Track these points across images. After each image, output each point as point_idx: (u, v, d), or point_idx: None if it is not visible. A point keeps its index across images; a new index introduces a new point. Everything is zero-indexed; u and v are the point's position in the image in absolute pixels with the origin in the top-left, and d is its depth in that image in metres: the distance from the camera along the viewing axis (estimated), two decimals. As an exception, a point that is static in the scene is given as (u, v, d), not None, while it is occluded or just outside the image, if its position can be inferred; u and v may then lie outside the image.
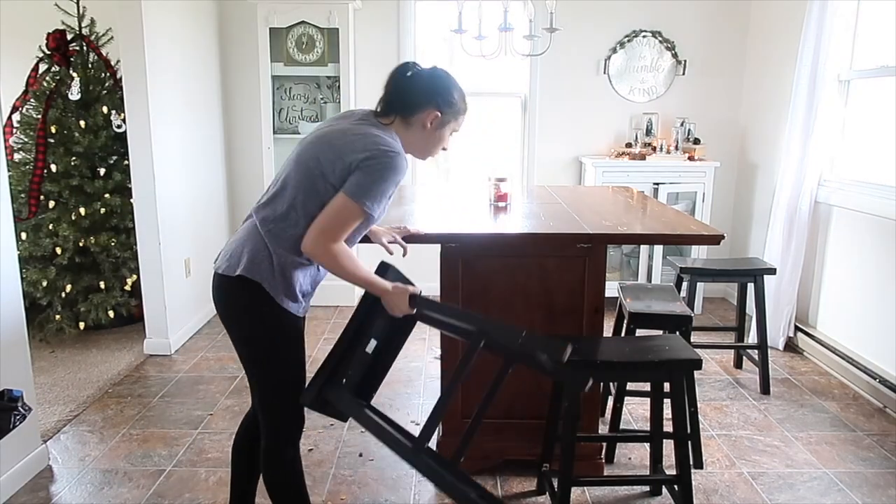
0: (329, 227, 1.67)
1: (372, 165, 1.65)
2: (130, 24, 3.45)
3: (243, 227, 1.85)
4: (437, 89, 1.78)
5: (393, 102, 1.79)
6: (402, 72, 1.79)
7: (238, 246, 1.78)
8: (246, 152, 4.78)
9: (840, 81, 3.61)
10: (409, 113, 1.77)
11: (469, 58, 3.90)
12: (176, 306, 3.85)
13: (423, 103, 1.76)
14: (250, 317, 1.78)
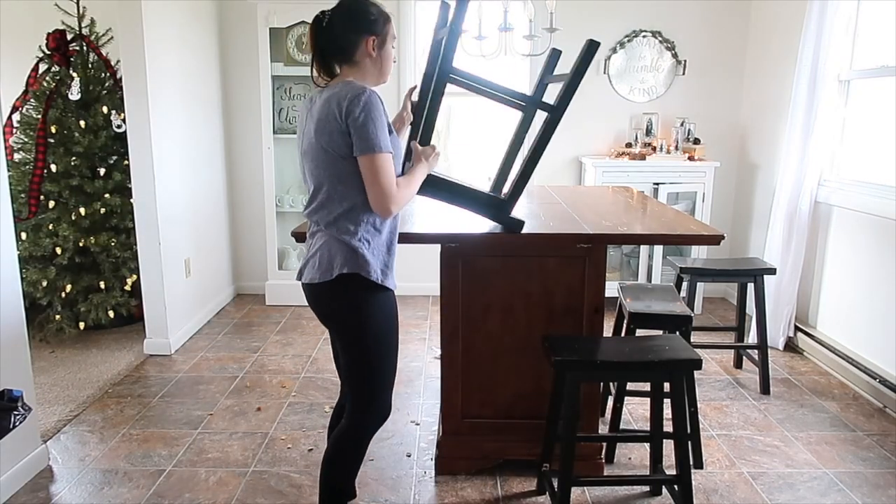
0: (382, 189, 1.75)
1: (354, 116, 1.70)
2: (130, 24, 3.45)
3: (316, 237, 1.89)
4: (356, 18, 1.81)
5: (329, 55, 1.83)
6: (319, 25, 1.81)
7: (323, 252, 1.83)
8: (246, 152, 4.78)
9: (840, 81, 3.61)
10: (350, 54, 1.82)
11: (469, 58, 3.90)
12: (176, 306, 3.85)
13: (354, 39, 1.81)
14: (360, 309, 1.84)
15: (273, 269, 4.69)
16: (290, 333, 4.13)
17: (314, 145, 1.79)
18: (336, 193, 1.80)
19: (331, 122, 1.73)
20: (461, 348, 2.46)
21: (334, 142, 1.74)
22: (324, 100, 1.77)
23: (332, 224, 1.82)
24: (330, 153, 1.76)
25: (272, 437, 2.83)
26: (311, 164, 1.83)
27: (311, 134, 1.80)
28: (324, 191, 1.82)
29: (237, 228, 4.90)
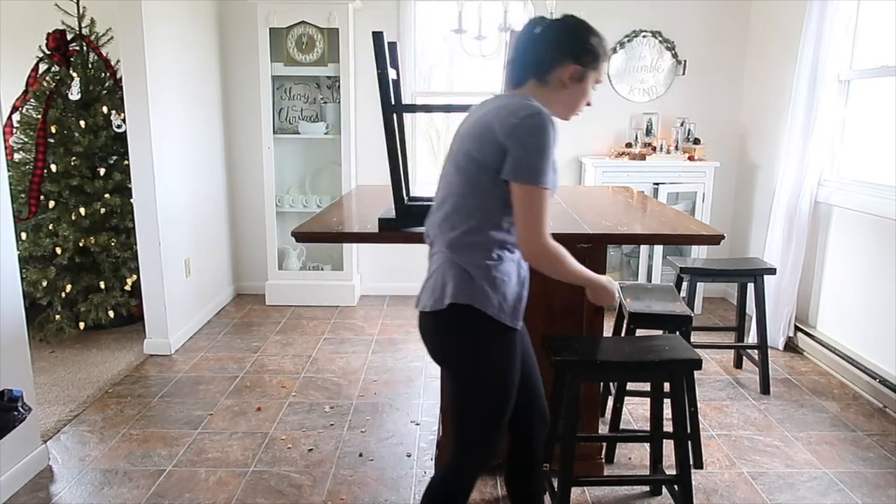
0: (529, 225, 1.53)
1: (520, 137, 1.49)
2: (130, 24, 3.45)
3: (434, 260, 1.68)
4: (570, 39, 1.61)
5: (523, 65, 1.63)
6: (531, 29, 1.63)
7: (437, 278, 1.62)
8: (246, 152, 4.78)
9: (840, 81, 3.61)
10: (544, 72, 1.61)
11: (469, 58, 3.90)
12: (176, 306, 3.85)
13: (558, 58, 1.60)
14: (470, 344, 1.63)
15: (273, 269, 4.69)
16: (290, 333, 4.13)
17: (461, 148, 1.61)
18: (465, 207, 1.59)
19: (489, 132, 1.53)
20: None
21: (484, 152, 1.54)
22: (494, 107, 1.58)
23: (453, 244, 1.61)
24: (475, 162, 1.56)
25: (272, 437, 2.83)
26: (451, 167, 1.64)
27: (464, 135, 1.63)
28: (451, 202, 1.61)
29: (237, 228, 4.90)
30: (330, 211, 2.83)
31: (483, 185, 1.57)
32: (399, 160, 2.25)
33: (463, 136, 1.64)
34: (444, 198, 1.66)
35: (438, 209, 1.67)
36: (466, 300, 1.57)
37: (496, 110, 1.56)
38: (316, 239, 2.38)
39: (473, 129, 1.60)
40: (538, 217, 1.52)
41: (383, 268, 4.94)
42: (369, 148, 4.68)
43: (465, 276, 1.58)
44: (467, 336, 1.62)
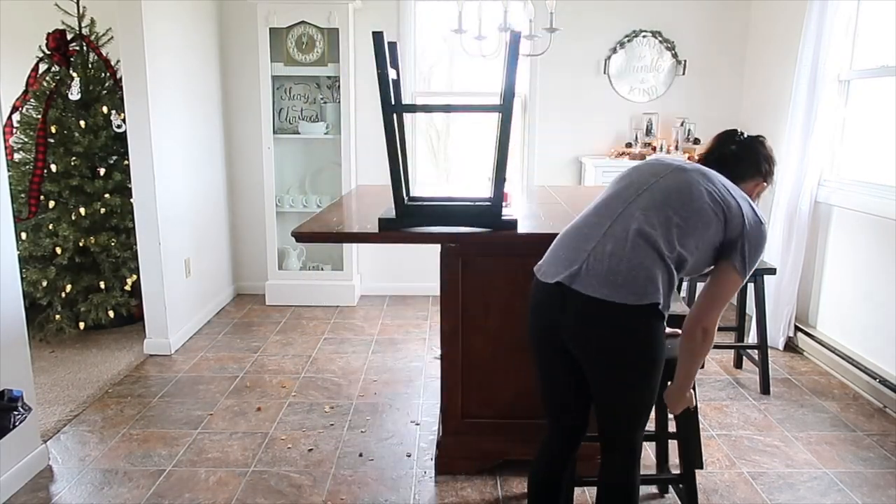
0: (718, 304, 1.73)
1: (756, 237, 1.68)
2: (130, 24, 3.45)
3: (629, 243, 1.64)
4: (767, 160, 1.85)
5: (724, 164, 1.82)
6: (732, 138, 1.86)
7: (638, 270, 1.61)
8: (246, 152, 4.78)
9: (840, 81, 3.61)
10: (739, 177, 1.81)
11: (469, 58, 3.90)
12: (176, 306, 3.85)
13: (755, 174, 1.84)
14: (650, 341, 1.65)
15: (273, 269, 4.69)
16: (290, 333, 4.13)
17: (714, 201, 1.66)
18: (693, 242, 1.67)
19: (720, 215, 1.66)
20: (461, 348, 2.46)
21: (731, 226, 1.67)
22: (727, 191, 1.69)
23: (658, 243, 1.63)
24: (718, 223, 1.66)
25: (272, 437, 2.83)
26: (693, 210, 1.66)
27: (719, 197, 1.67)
28: (676, 223, 1.65)
29: (237, 228, 4.90)
30: (330, 211, 2.84)
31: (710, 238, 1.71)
32: (399, 160, 2.25)
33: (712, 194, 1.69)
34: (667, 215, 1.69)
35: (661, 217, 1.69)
36: (656, 299, 1.64)
37: (731, 198, 1.69)
38: (316, 239, 2.39)
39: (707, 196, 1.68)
40: (725, 301, 1.78)
41: (383, 268, 4.94)
42: (369, 148, 4.68)
43: (665, 276, 1.67)
44: (651, 333, 1.67)
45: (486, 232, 2.29)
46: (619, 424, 1.73)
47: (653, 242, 1.63)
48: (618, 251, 1.63)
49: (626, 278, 1.60)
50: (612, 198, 1.76)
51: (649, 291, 1.60)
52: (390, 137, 2.18)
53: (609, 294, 1.59)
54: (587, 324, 1.65)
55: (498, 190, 2.25)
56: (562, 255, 1.72)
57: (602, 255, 1.63)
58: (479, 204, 2.34)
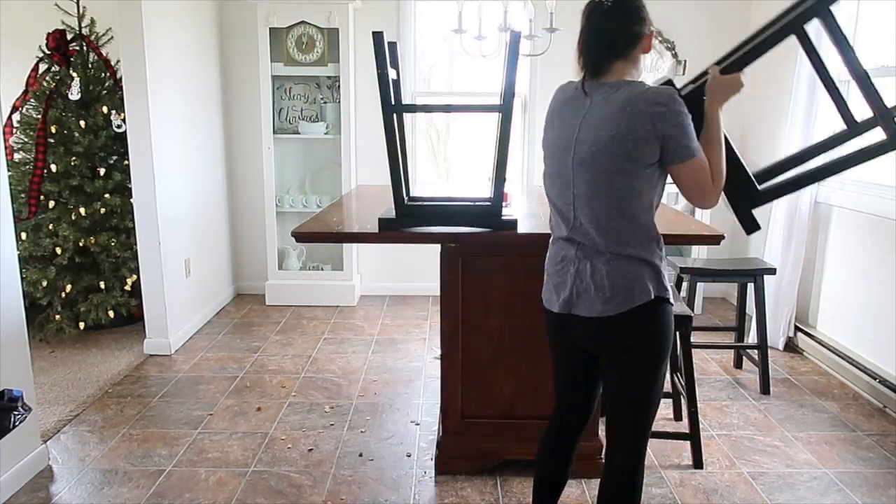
0: (706, 189, 1.59)
1: (676, 122, 1.52)
2: (130, 24, 3.45)
3: (584, 260, 1.65)
4: (638, 9, 1.63)
5: (604, 46, 1.62)
6: (599, 9, 1.63)
7: (611, 280, 1.61)
8: (246, 152, 4.78)
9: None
10: (630, 48, 1.62)
11: (469, 58, 3.90)
12: (176, 306, 3.85)
13: (638, 31, 1.62)
14: (658, 336, 1.65)
15: (273, 269, 4.69)
16: (290, 333, 4.13)
17: (607, 153, 1.55)
18: (623, 207, 1.58)
19: (640, 129, 1.51)
20: (461, 348, 2.46)
21: (639, 150, 1.53)
22: (620, 102, 1.55)
23: (614, 241, 1.60)
24: (632, 163, 1.54)
25: (272, 437, 2.83)
26: (597, 174, 1.58)
27: (604, 140, 1.55)
28: (608, 205, 1.59)
29: (237, 228, 4.90)
30: (330, 211, 2.84)
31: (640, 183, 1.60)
32: (399, 160, 2.25)
33: (594, 141, 1.59)
34: (594, 203, 1.63)
35: (590, 214, 1.65)
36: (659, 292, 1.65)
37: (628, 105, 1.54)
38: (316, 239, 2.39)
39: (615, 130, 1.55)
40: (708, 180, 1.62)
41: (383, 268, 4.94)
42: (369, 148, 4.67)
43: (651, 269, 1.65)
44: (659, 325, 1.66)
45: (486, 232, 2.29)
46: (628, 419, 1.73)
47: (618, 248, 1.61)
48: (595, 269, 1.64)
49: (613, 291, 1.61)
50: (560, 202, 1.70)
51: (636, 293, 1.61)
52: (390, 137, 2.19)
53: (604, 310, 1.62)
54: (596, 337, 1.69)
55: (498, 190, 2.25)
56: (552, 282, 1.75)
57: (584, 274, 1.65)
58: (479, 204, 2.34)
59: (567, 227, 1.68)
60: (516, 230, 2.29)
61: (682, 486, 2.48)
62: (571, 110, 1.65)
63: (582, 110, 1.63)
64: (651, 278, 1.62)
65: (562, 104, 1.69)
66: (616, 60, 1.62)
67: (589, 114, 1.61)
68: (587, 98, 1.63)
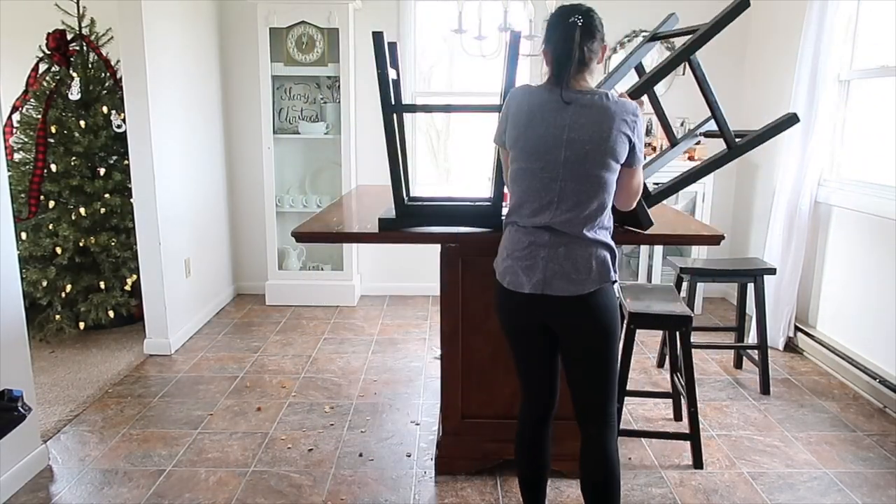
0: (636, 194, 1.91)
1: (639, 131, 1.79)
2: (130, 24, 3.45)
3: (557, 245, 1.80)
4: (600, 26, 1.82)
5: (579, 60, 1.79)
6: (577, 28, 1.76)
7: (581, 262, 1.80)
8: (246, 152, 4.78)
9: (840, 81, 3.61)
10: (591, 61, 1.83)
11: (469, 58, 3.90)
12: (176, 306, 3.85)
13: (597, 47, 1.83)
14: (616, 312, 1.87)
15: (273, 269, 4.69)
16: (290, 333, 4.13)
17: (598, 151, 1.74)
18: (589, 198, 1.77)
19: (622, 134, 1.75)
20: (461, 348, 2.46)
21: (619, 151, 1.76)
22: (603, 108, 1.75)
23: (589, 228, 1.79)
24: (612, 162, 1.76)
25: (272, 437, 2.83)
26: (589, 170, 1.76)
27: (595, 141, 1.74)
28: (591, 197, 1.78)
29: (237, 228, 4.90)
30: (330, 211, 2.84)
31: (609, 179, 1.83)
32: (399, 160, 2.25)
33: (580, 141, 1.76)
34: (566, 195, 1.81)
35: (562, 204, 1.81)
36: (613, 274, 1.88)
37: (609, 113, 1.76)
38: (316, 239, 2.39)
39: (600, 133, 1.75)
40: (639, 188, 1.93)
41: (383, 268, 4.94)
42: (369, 148, 4.67)
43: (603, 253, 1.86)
44: (613, 304, 1.88)
45: (486, 232, 2.29)
46: (599, 392, 1.88)
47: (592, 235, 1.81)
48: (570, 253, 1.80)
49: (586, 272, 1.80)
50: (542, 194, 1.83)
51: (603, 274, 1.82)
52: (390, 137, 2.19)
53: (577, 290, 1.80)
54: (566, 315, 1.84)
55: (498, 190, 2.25)
56: (519, 265, 1.86)
57: (558, 257, 1.80)
58: (479, 204, 2.34)
59: (545, 216, 1.81)
60: None
61: (682, 486, 2.48)
62: (553, 113, 1.79)
63: (566, 113, 1.78)
64: (613, 262, 1.85)
65: (538, 107, 1.82)
66: (583, 72, 1.83)
67: (576, 117, 1.77)
68: (567, 103, 1.78)
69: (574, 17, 1.76)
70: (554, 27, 1.81)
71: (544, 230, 1.81)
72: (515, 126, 1.84)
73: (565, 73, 1.77)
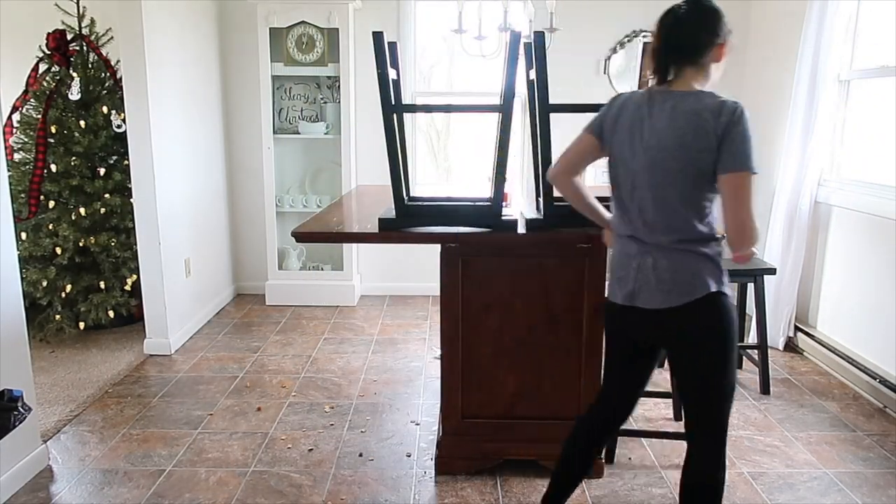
0: (748, 212, 1.62)
1: (737, 132, 1.63)
2: (130, 24, 3.45)
3: (658, 258, 1.71)
4: (713, 17, 1.67)
5: (673, 53, 1.68)
6: (672, 18, 1.67)
7: (671, 275, 1.70)
8: (246, 152, 4.78)
9: (840, 81, 3.61)
10: (699, 55, 1.68)
11: (469, 58, 3.90)
12: (176, 306, 3.85)
13: (708, 39, 1.68)
14: (724, 323, 1.71)
15: (273, 269, 4.69)
16: (290, 333, 4.13)
17: (673, 158, 1.64)
18: (682, 207, 1.67)
19: (704, 138, 1.62)
20: (461, 348, 2.46)
21: (702, 159, 1.62)
22: (686, 111, 1.64)
23: (683, 240, 1.69)
24: (693, 168, 1.63)
25: (272, 437, 2.83)
26: (661, 177, 1.67)
27: (669, 147, 1.65)
28: (667, 206, 1.68)
29: (237, 228, 4.90)
30: (330, 211, 2.84)
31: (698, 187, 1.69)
32: (399, 160, 2.25)
33: (658, 147, 1.67)
34: (658, 205, 1.72)
35: (656, 215, 1.73)
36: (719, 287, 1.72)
37: (694, 114, 1.64)
38: (316, 239, 2.39)
39: (680, 137, 1.65)
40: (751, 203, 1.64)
41: (383, 268, 4.94)
42: (369, 148, 4.67)
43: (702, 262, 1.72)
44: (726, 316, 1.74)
45: (486, 232, 2.29)
46: (704, 407, 1.76)
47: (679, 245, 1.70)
48: (657, 264, 1.72)
49: (673, 284, 1.70)
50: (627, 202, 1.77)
51: (697, 287, 1.68)
52: (390, 137, 2.19)
53: (665, 301, 1.70)
54: (657, 329, 1.77)
55: (498, 190, 2.25)
56: (615, 276, 1.82)
57: (646, 269, 1.73)
58: (479, 204, 2.34)
59: (631, 226, 1.76)
60: (516, 230, 2.29)
61: (682, 486, 2.48)
62: (639, 117, 1.72)
63: (649, 117, 1.70)
64: (710, 273, 1.69)
65: (630, 111, 1.74)
66: (685, 66, 1.69)
67: (656, 120, 1.68)
68: (654, 105, 1.70)
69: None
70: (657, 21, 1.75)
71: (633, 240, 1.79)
72: (611, 130, 1.80)
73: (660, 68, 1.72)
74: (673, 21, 1.68)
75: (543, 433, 2.48)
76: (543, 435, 2.48)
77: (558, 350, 2.44)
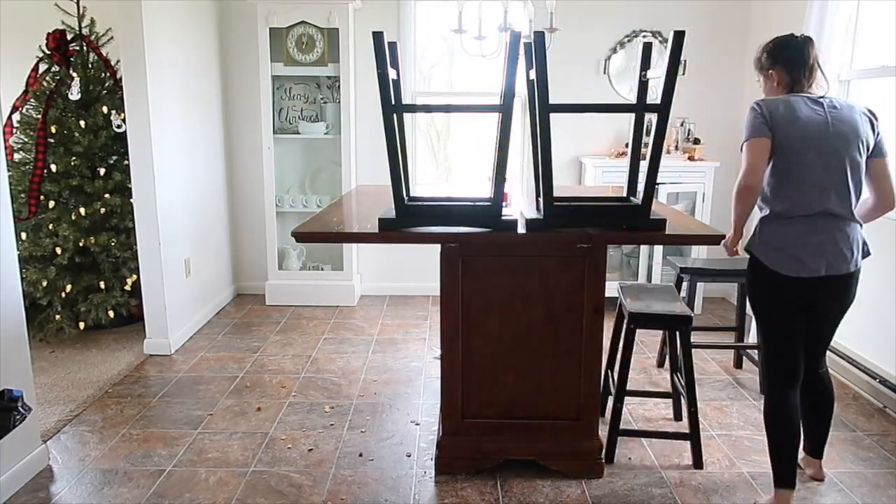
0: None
1: (880, 127, 2.26)
2: (130, 23, 3.45)
3: (845, 229, 2.17)
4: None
5: (813, 69, 2.28)
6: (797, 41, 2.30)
7: (857, 242, 2.19)
8: (246, 152, 4.78)
9: (840, 81, 3.61)
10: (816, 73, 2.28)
11: (469, 58, 3.90)
12: (176, 306, 3.85)
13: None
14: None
15: (273, 269, 4.69)
16: (290, 333, 4.13)
17: (857, 144, 2.16)
18: (859, 185, 2.17)
19: (870, 132, 2.20)
20: (461, 348, 2.47)
21: (868, 144, 2.18)
22: (851, 109, 2.22)
23: (855, 214, 2.17)
24: (868, 151, 2.18)
25: (272, 437, 2.83)
26: (852, 161, 2.15)
27: (856, 136, 2.16)
28: (855, 184, 2.15)
29: (237, 228, 4.90)
30: (330, 211, 2.84)
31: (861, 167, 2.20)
32: (399, 160, 2.25)
33: (845, 136, 2.17)
34: (844, 184, 2.17)
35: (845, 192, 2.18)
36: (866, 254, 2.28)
37: (858, 113, 2.24)
38: (316, 239, 2.39)
39: (858, 131, 2.19)
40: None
41: (383, 268, 4.94)
42: (369, 148, 4.68)
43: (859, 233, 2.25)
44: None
45: (486, 232, 2.29)
46: (827, 346, 2.38)
47: (854, 217, 2.18)
48: (843, 235, 2.16)
49: (855, 250, 2.18)
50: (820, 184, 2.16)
51: (865, 250, 2.23)
52: (390, 137, 2.19)
53: (850, 266, 2.17)
54: (837, 291, 2.21)
55: (498, 190, 2.25)
56: (804, 251, 2.18)
57: (838, 240, 2.15)
58: (479, 204, 2.34)
59: (819, 204, 2.14)
60: (516, 230, 2.29)
61: (682, 486, 2.48)
62: (814, 114, 2.18)
63: (825, 115, 2.18)
64: (860, 237, 2.21)
65: (798, 111, 2.21)
66: (812, 79, 2.28)
67: (833, 117, 2.17)
68: (820, 106, 2.20)
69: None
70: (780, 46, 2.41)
71: (821, 216, 2.18)
72: (781, 126, 2.29)
73: (802, 79, 2.30)
74: (802, 45, 2.32)
75: (543, 433, 2.48)
76: (543, 435, 2.48)
77: (558, 350, 2.44)
